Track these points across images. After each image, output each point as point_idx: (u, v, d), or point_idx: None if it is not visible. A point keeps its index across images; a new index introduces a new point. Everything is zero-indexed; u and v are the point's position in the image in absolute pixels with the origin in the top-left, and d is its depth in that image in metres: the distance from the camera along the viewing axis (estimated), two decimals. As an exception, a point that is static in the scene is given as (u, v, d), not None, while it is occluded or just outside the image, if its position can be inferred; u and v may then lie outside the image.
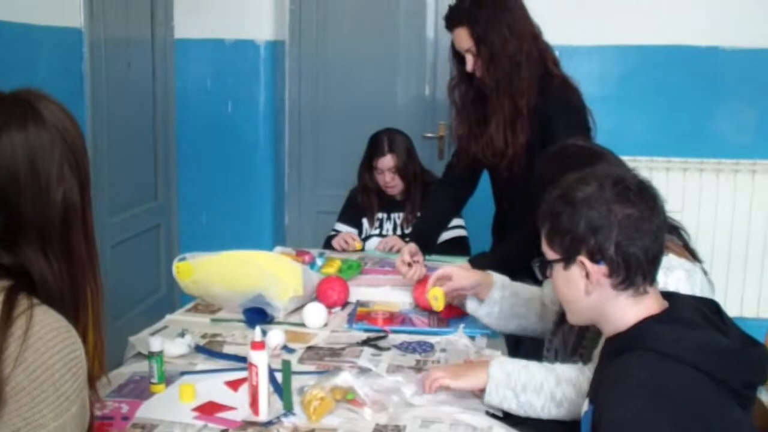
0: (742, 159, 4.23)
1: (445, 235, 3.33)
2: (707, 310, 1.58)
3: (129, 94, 4.09)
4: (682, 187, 4.21)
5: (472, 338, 2.30)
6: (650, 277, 1.55)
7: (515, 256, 2.45)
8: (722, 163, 4.22)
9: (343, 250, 3.26)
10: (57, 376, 1.11)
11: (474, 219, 3.39)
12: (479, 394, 1.87)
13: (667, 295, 1.61)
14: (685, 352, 1.43)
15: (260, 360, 1.77)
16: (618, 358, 1.49)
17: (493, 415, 1.85)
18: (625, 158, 4.05)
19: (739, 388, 1.45)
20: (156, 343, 1.92)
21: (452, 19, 2.66)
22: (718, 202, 4.24)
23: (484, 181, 3.01)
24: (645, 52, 4.20)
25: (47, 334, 1.12)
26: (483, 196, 3.07)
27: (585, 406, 1.58)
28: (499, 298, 2.26)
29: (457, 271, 2.27)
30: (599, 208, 1.51)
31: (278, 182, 4.75)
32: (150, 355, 1.91)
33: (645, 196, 1.54)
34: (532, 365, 1.86)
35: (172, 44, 4.47)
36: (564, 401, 1.80)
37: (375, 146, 3.41)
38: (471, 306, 2.30)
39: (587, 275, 1.54)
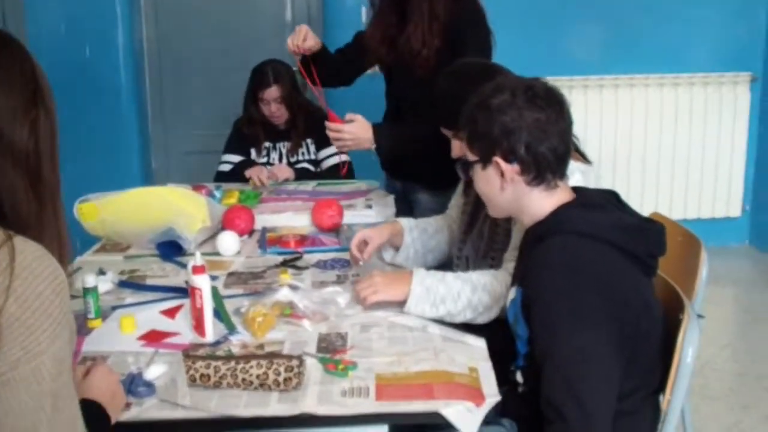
0: (590, 75, 4.55)
1: (330, 161, 3.43)
2: (609, 197, 1.78)
3: (-20, 43, 3.88)
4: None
5: (383, 252, 2.42)
6: (559, 173, 1.73)
7: (413, 142, 2.66)
8: (573, 80, 4.53)
9: (262, 184, 3.25)
10: (47, 303, 1.13)
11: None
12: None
13: (574, 189, 1.79)
14: (598, 230, 1.62)
15: (202, 283, 1.83)
16: (540, 243, 1.66)
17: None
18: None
19: (644, 258, 1.66)
20: (90, 279, 1.94)
21: None
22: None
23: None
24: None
25: (32, 263, 1.13)
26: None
27: (512, 294, 1.75)
28: (411, 241, 2.38)
29: (370, 233, 2.32)
30: (511, 113, 1.67)
31: (143, 126, 4.68)
32: (85, 291, 1.93)
33: (552, 102, 1.70)
34: (449, 276, 2.00)
35: (19, -12, 4.27)
36: (480, 306, 1.95)
37: (260, 78, 3.43)
38: (387, 256, 2.41)
39: (502, 174, 1.70)
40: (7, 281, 1.10)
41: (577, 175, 2.01)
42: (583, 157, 2.17)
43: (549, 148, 1.68)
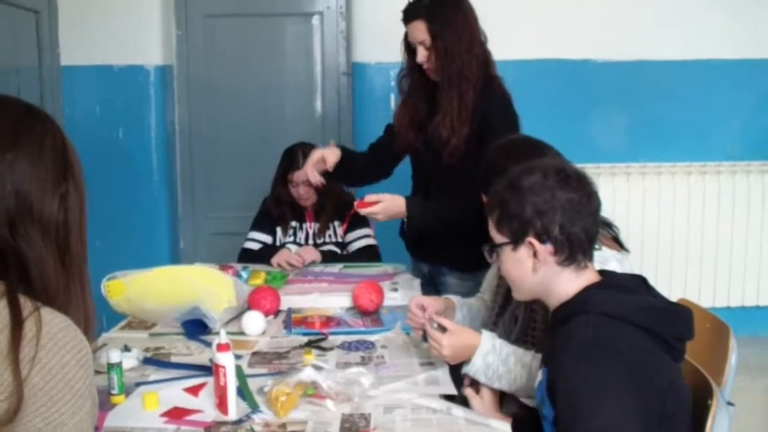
0: (617, 163, 4.56)
1: (356, 245, 3.44)
2: (637, 281, 1.78)
3: (19, 123, 4.00)
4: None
5: (408, 333, 2.40)
6: (589, 254, 1.75)
7: (444, 217, 2.73)
8: (600, 167, 4.54)
9: (291, 266, 3.25)
10: (71, 374, 1.13)
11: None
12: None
13: (601, 272, 1.79)
14: (624, 311, 1.62)
15: (227, 360, 1.83)
16: (565, 324, 1.66)
17: (447, 397, 1.97)
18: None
19: (671, 340, 1.65)
20: (115, 355, 1.94)
21: (411, 13, 2.75)
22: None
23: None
24: (523, 66, 4.46)
25: (57, 334, 1.14)
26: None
27: (539, 376, 1.73)
28: (461, 318, 2.38)
29: (427, 300, 2.32)
30: (544, 194, 1.70)
31: (173, 206, 4.74)
32: (110, 367, 1.93)
33: (583, 183, 1.73)
34: (511, 360, 1.99)
35: (58, 71, 4.40)
36: (531, 391, 1.93)
37: (290, 160, 3.47)
38: None
39: (535, 254, 1.72)
40: (33, 352, 1.11)
41: (613, 263, 2.02)
42: (621, 246, 2.18)
43: (582, 228, 1.70)
